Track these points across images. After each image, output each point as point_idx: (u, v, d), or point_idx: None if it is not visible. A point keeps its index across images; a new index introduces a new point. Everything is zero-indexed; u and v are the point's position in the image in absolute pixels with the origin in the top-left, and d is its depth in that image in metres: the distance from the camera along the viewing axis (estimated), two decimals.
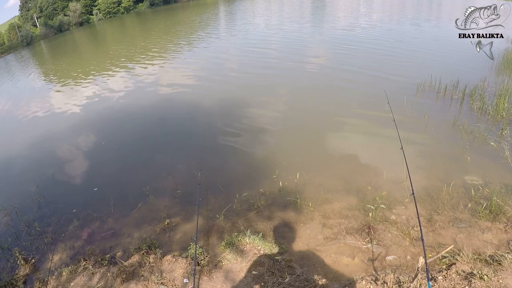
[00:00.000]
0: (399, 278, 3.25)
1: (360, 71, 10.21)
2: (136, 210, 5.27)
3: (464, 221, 4.06)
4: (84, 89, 13.84)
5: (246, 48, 16.39)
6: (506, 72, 8.37)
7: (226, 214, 4.80)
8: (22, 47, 51.02)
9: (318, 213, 4.60)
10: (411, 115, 6.89)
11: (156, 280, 3.63)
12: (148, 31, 34.05)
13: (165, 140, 7.71)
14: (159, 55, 18.46)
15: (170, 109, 9.74)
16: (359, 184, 5.06)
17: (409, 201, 4.52)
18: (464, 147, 5.60)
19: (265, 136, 7.06)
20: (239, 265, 3.73)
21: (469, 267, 3.26)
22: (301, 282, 3.37)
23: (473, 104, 6.93)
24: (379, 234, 4.06)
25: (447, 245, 3.60)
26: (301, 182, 5.31)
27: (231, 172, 6.00)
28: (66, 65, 22.69)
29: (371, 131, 6.60)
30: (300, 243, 4.13)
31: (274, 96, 9.30)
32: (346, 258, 3.81)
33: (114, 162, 7.04)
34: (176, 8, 61.31)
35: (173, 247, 4.35)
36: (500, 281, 2.99)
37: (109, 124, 9.42)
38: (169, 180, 5.93)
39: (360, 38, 14.74)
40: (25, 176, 7.06)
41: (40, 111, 12.13)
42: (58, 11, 67.49)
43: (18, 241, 4.93)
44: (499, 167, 4.96)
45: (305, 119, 7.64)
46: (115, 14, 71.80)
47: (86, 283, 3.80)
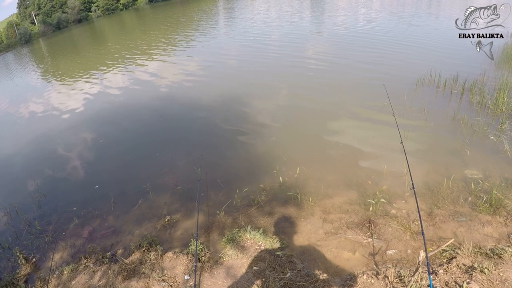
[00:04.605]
0: (400, 272, 3.25)
1: (360, 66, 10.17)
2: (137, 207, 5.28)
3: (465, 214, 4.05)
4: (83, 87, 13.81)
5: (245, 44, 16.30)
6: (505, 67, 8.32)
7: (227, 210, 4.81)
8: (21, 45, 50.89)
9: (319, 208, 4.60)
10: (411, 110, 6.87)
11: (157, 277, 3.64)
12: (147, 28, 33.90)
13: (165, 136, 7.71)
14: (158, 51, 18.38)
15: (170, 106, 9.73)
16: (359, 179, 5.06)
17: (409, 195, 4.52)
18: (464, 141, 5.59)
19: (265, 132, 7.05)
20: (240, 261, 3.74)
21: (470, 260, 3.26)
22: (302, 277, 3.37)
23: (473, 98, 6.91)
24: (380, 228, 4.06)
25: (447, 238, 3.62)
26: (301, 177, 5.30)
27: (231, 168, 5.99)
28: (65, 63, 22.62)
29: (370, 126, 6.59)
30: (301, 238, 4.14)
31: (274, 91, 9.28)
32: (347, 253, 3.81)
33: (113, 159, 7.04)
34: (175, 3, 60.89)
35: (174, 244, 4.36)
36: (501, 274, 3.00)
37: (109, 121, 9.40)
38: (170, 176, 5.93)
39: (359, 34, 14.66)
40: (25, 175, 7.07)
41: (40, 109, 12.12)
42: (57, 8, 67.22)
43: (18, 240, 4.94)
44: (499, 161, 4.95)
45: (305, 114, 7.62)
46: (113, 10, 71.53)
47: (87, 281, 3.80)
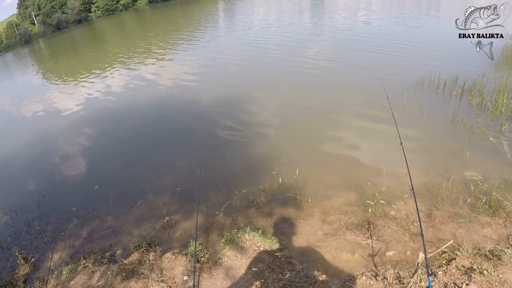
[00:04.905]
0: (399, 273, 3.25)
1: (359, 67, 10.17)
2: (136, 208, 5.27)
3: (464, 216, 4.05)
4: (82, 87, 13.81)
5: (245, 45, 16.32)
6: (505, 68, 8.33)
7: (226, 210, 4.80)
8: (21, 46, 50.92)
9: (318, 209, 4.60)
10: (410, 111, 6.87)
11: (156, 278, 3.63)
12: (147, 28, 33.94)
13: (164, 137, 7.70)
14: (157, 52, 18.38)
15: (169, 106, 9.72)
16: (359, 180, 5.06)
17: (408, 197, 4.52)
18: (463, 142, 5.59)
19: (264, 133, 7.05)
20: (239, 262, 3.73)
21: (469, 262, 3.26)
22: (301, 278, 3.37)
23: (472, 99, 6.91)
24: (379, 229, 4.06)
25: (446, 240, 3.61)
26: (300, 178, 5.30)
27: (231, 169, 5.99)
28: (64, 63, 22.63)
29: (370, 127, 6.59)
30: (300, 239, 4.13)
31: (273, 92, 9.28)
32: (346, 254, 3.81)
33: (113, 160, 7.03)
34: (174, 4, 61.00)
35: (173, 245, 4.35)
36: (500, 276, 2.99)
37: (108, 121, 9.40)
38: (169, 177, 5.93)
39: (358, 35, 14.66)
40: (24, 175, 7.07)
41: (39, 109, 12.12)
42: (56, 9, 67.30)
43: (17, 240, 4.92)
44: (498, 162, 4.95)
45: (304, 115, 7.62)
46: (113, 11, 71.62)
47: (86, 282, 3.80)
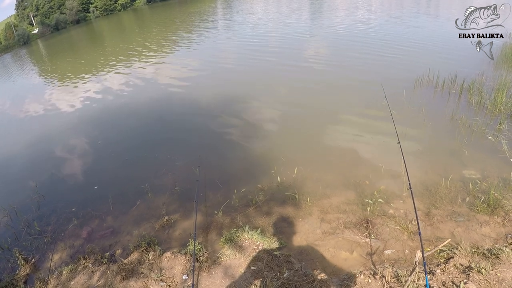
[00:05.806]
0: (397, 272, 3.26)
1: (357, 66, 10.18)
2: (135, 208, 5.28)
3: (462, 214, 4.07)
4: (81, 88, 13.81)
5: (244, 45, 16.30)
6: (504, 67, 8.34)
7: (225, 210, 4.81)
8: (19, 46, 50.80)
9: (317, 208, 4.61)
10: (408, 110, 6.88)
11: (156, 277, 3.64)
12: (146, 28, 33.88)
13: (163, 137, 7.72)
14: (156, 52, 18.37)
15: (168, 106, 9.73)
16: (357, 179, 5.07)
17: (407, 195, 4.53)
18: (462, 141, 5.60)
19: (263, 132, 7.06)
20: (238, 261, 3.75)
21: (467, 260, 3.27)
22: (300, 276, 3.38)
23: (471, 98, 6.92)
24: (377, 228, 4.07)
25: (445, 238, 3.63)
26: (299, 177, 5.31)
27: (230, 168, 6.00)
28: (63, 64, 22.60)
29: (368, 126, 6.59)
30: (299, 238, 4.15)
31: (272, 92, 9.29)
32: (345, 253, 3.83)
33: (112, 160, 7.04)
34: (173, 4, 60.85)
35: (172, 244, 4.37)
36: (498, 275, 3.01)
37: (107, 122, 9.41)
38: (168, 177, 5.94)
39: (357, 34, 14.67)
40: (24, 176, 7.07)
41: (38, 110, 12.11)
42: (55, 9, 67.18)
43: (18, 241, 4.94)
44: (497, 161, 4.96)
45: (302, 114, 7.64)
46: (112, 11, 71.45)
47: (86, 282, 3.81)
